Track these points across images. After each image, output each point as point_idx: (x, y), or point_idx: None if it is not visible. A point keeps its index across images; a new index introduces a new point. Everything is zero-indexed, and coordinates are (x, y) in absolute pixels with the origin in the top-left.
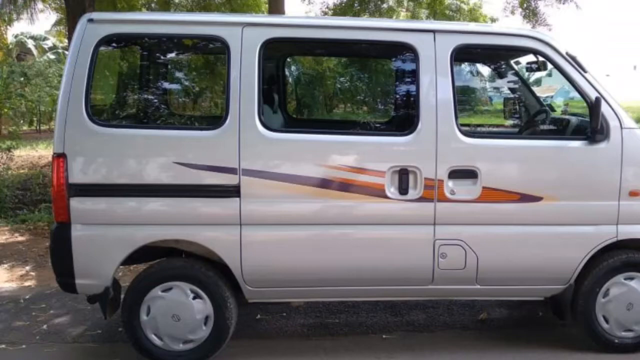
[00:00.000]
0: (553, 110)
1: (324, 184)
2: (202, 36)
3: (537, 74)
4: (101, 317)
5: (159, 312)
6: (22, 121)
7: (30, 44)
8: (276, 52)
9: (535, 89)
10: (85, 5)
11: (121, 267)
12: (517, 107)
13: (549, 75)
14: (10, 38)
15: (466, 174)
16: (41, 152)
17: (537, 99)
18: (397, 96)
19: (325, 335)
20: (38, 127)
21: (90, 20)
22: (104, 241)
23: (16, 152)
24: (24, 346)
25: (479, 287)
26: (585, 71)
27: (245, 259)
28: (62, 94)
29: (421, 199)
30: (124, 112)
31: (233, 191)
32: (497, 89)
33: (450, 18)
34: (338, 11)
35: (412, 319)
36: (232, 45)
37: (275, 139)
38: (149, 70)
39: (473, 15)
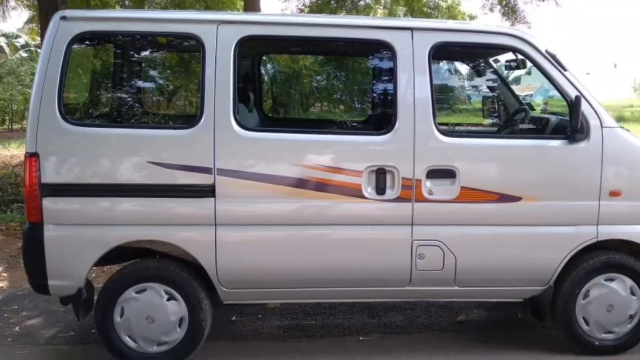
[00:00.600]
0: (533, 109)
1: (301, 184)
2: (176, 34)
3: (517, 73)
4: (74, 319)
5: (133, 313)
6: None
7: (3, 41)
8: (252, 50)
9: (514, 87)
10: (58, 2)
11: (95, 268)
12: (496, 106)
13: (529, 73)
14: None
15: (445, 174)
16: (14, 152)
17: (517, 97)
18: (375, 95)
19: (301, 337)
20: (10, 127)
21: (64, 18)
22: (77, 242)
23: None
24: None
25: (457, 288)
26: (565, 69)
27: (221, 260)
28: (34, 93)
29: (399, 200)
30: (98, 111)
31: (208, 191)
32: (476, 87)
33: (428, 16)
34: (315, 9)
35: (390, 321)
36: (207, 44)
37: (251, 139)
38: (122, 69)
39: (452, 12)
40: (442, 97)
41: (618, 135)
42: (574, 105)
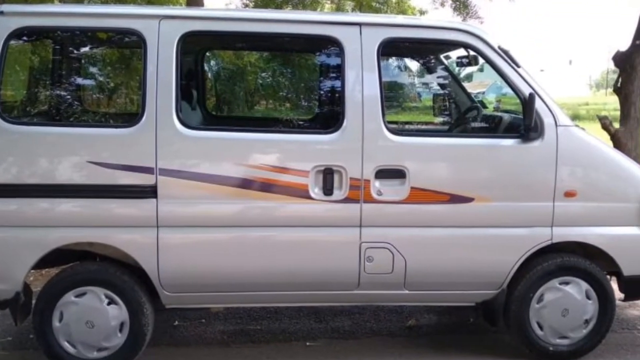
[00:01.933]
0: (485, 106)
1: (245, 184)
2: (117, 29)
3: (468, 69)
4: (11, 324)
5: (72, 318)
6: None
7: None
8: (195, 46)
9: (466, 84)
10: None
11: (32, 271)
12: (447, 103)
13: (481, 70)
14: None
15: (394, 173)
16: None
17: (468, 95)
18: (322, 92)
19: (246, 342)
20: None
21: (0, 13)
22: (14, 244)
23: None
24: None
25: (407, 292)
26: (518, 66)
27: (163, 262)
28: None
29: (346, 200)
30: (36, 109)
31: (149, 192)
32: (426, 84)
33: (377, 10)
34: (260, 3)
35: (337, 325)
36: (149, 39)
37: (193, 137)
38: (61, 65)
39: (401, 7)
40: (392, 95)
41: (573, 133)
42: (527, 103)
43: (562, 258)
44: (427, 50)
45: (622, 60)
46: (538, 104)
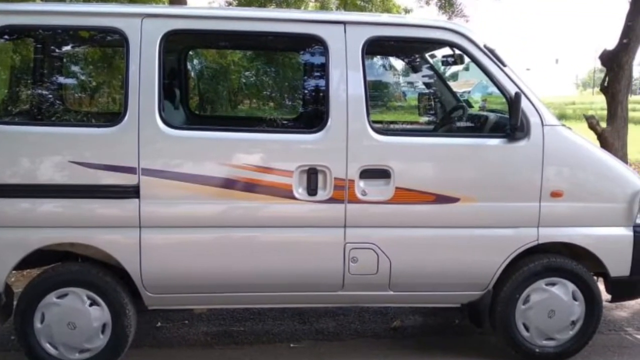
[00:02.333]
0: (470, 106)
1: (228, 184)
2: (99, 28)
3: (454, 68)
4: None
5: (54, 319)
6: None
7: None
8: (178, 44)
9: (451, 83)
10: None
11: (14, 272)
12: (433, 103)
13: (466, 69)
14: None
15: (378, 173)
16: None
17: (454, 94)
18: (306, 91)
19: (229, 344)
20: None
21: None
22: None
23: None
24: None
25: (392, 293)
26: (504, 65)
27: (145, 263)
28: None
29: (331, 200)
30: (17, 108)
31: (132, 192)
32: (411, 83)
33: (361, 9)
34: (243, 2)
35: (322, 327)
36: (131, 38)
37: (176, 137)
38: (43, 64)
39: (386, 6)
40: (376, 94)
41: (559, 133)
42: (514, 102)
43: (548, 259)
44: (412, 49)
45: (609, 59)
46: (524, 103)
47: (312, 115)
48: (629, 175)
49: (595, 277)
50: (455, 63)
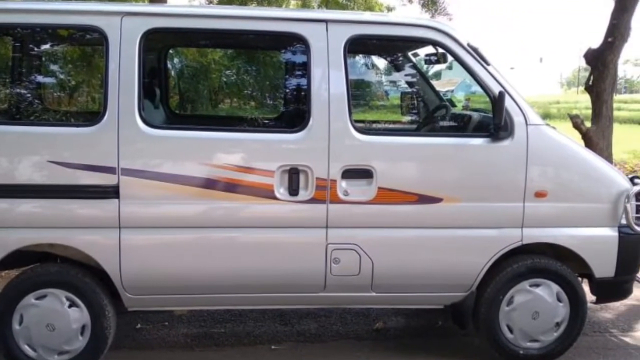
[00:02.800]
0: (453, 105)
1: (209, 184)
2: (78, 26)
3: (437, 67)
4: None
5: (33, 321)
6: None
7: None
8: (158, 43)
9: (434, 82)
10: None
11: None
12: (415, 102)
13: (450, 68)
14: None
15: (361, 173)
16: None
17: (437, 93)
18: (287, 91)
19: (210, 345)
20: None
21: None
22: None
23: None
24: None
25: (374, 294)
26: (487, 63)
27: (125, 264)
28: None
29: (312, 200)
30: None
31: (111, 192)
32: (394, 82)
33: (343, 7)
34: (224, 0)
35: (303, 328)
36: (111, 36)
37: (156, 136)
38: (22, 63)
39: (368, 4)
40: (359, 93)
41: (543, 133)
42: (497, 101)
43: (532, 260)
44: (395, 48)
45: (593, 57)
46: (508, 102)
47: (294, 114)
48: (614, 175)
49: (579, 278)
50: (438, 62)
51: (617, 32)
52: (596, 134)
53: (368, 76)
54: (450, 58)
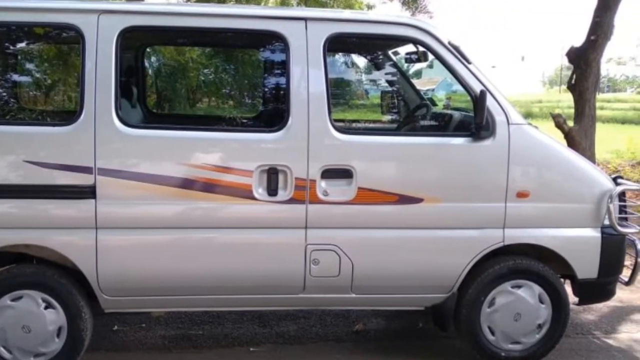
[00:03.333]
0: (434, 104)
1: (187, 184)
2: (54, 24)
3: (417, 65)
4: None
5: (8, 322)
6: None
7: None
8: (135, 41)
9: (415, 81)
10: None
11: None
12: (396, 101)
13: (430, 66)
14: None
15: (340, 173)
16: None
17: (417, 92)
18: (266, 89)
19: (187, 347)
20: None
21: None
22: None
23: None
24: None
25: (354, 295)
26: (469, 62)
27: (102, 265)
28: None
29: (291, 201)
30: None
31: (88, 192)
32: (374, 81)
33: (323, 5)
34: None
35: (282, 330)
36: (87, 35)
37: (133, 136)
38: None
39: (348, 2)
40: (338, 92)
41: (525, 132)
42: (479, 101)
43: (514, 261)
44: (375, 46)
45: (576, 56)
46: (489, 101)
47: (273, 113)
48: (597, 175)
49: (562, 280)
50: (419, 60)
51: (600, 30)
52: (579, 134)
53: (348, 75)
54: (431, 56)
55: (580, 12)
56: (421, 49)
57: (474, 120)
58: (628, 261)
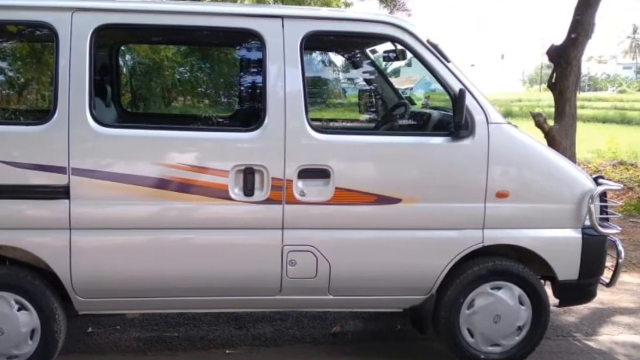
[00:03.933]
0: (413, 103)
1: (162, 184)
2: (27, 22)
3: (396, 64)
4: None
5: None
6: None
7: None
8: (109, 39)
9: (393, 80)
10: None
11: None
12: (374, 100)
13: (409, 65)
14: None
15: (317, 173)
16: None
17: (396, 91)
18: (242, 88)
19: (162, 350)
20: None
21: None
22: None
23: None
24: None
25: (331, 297)
26: (448, 60)
27: (75, 266)
28: None
29: (268, 201)
30: None
31: (62, 192)
32: (351, 80)
33: (300, 3)
34: None
35: (258, 332)
36: (61, 32)
37: (107, 135)
38: None
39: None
40: (315, 91)
41: (505, 131)
42: (458, 99)
43: (493, 262)
44: (353, 44)
45: (556, 54)
46: (468, 100)
47: (249, 113)
48: (578, 175)
49: (542, 281)
50: (397, 58)
51: (580, 28)
52: (559, 133)
53: (325, 73)
54: (409, 55)
55: (560, 11)
56: (399, 47)
57: (453, 120)
58: (609, 262)
